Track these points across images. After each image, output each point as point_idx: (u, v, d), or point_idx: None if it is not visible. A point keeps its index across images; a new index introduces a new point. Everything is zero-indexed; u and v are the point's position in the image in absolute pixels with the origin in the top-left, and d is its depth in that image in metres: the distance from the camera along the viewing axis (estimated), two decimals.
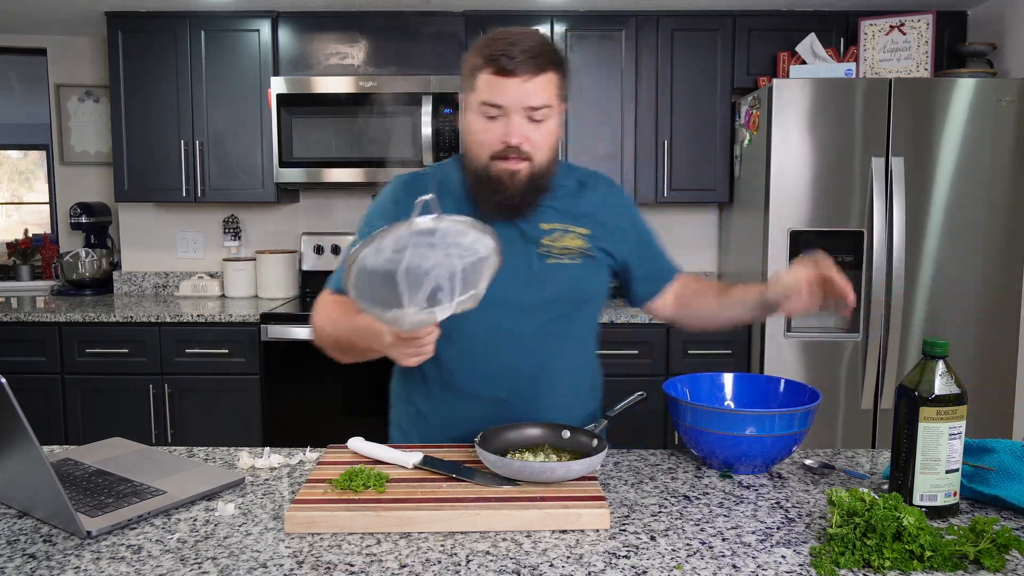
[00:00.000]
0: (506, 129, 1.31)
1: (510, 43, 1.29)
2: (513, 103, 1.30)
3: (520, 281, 1.39)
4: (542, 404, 1.44)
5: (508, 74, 1.29)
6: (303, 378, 3.17)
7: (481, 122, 1.33)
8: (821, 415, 3.01)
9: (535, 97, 1.30)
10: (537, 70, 1.30)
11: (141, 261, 3.88)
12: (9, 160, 9.07)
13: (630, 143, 3.44)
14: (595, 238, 1.45)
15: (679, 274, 1.58)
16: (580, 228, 1.44)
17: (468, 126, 1.36)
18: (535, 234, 1.41)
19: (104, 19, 3.44)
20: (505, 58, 1.28)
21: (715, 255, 3.84)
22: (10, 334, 3.19)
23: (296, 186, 3.52)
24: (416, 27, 3.38)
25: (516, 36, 1.31)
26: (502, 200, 1.35)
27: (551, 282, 1.41)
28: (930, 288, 2.95)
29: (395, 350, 1.19)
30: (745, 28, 3.38)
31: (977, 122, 2.88)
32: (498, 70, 1.29)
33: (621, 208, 1.52)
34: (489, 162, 1.34)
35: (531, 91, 1.30)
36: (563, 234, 1.42)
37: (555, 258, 1.41)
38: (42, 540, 1.07)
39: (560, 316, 1.43)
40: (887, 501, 1.00)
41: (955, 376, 1.13)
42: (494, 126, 1.32)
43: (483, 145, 1.34)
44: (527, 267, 1.40)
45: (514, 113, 1.30)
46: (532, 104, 1.30)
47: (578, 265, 1.43)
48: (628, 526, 1.11)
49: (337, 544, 1.05)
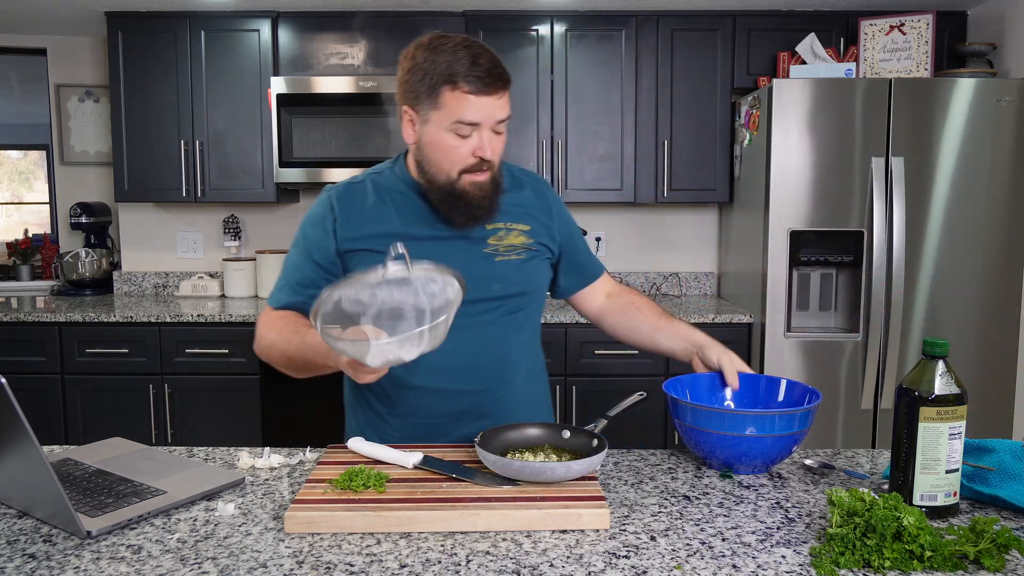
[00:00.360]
0: (479, 144, 1.34)
1: (473, 61, 1.31)
2: (487, 119, 1.33)
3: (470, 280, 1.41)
4: (501, 393, 1.48)
5: (484, 94, 1.31)
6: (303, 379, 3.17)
7: (453, 139, 1.34)
8: (821, 415, 3.01)
9: (503, 111, 1.36)
10: (505, 85, 1.35)
11: (141, 261, 3.88)
12: (9, 160, 9.07)
13: (630, 143, 3.44)
14: (535, 233, 1.49)
15: (605, 273, 1.65)
16: (521, 225, 1.48)
17: (434, 143, 1.36)
18: (480, 234, 1.44)
19: (104, 19, 3.44)
20: (476, 78, 1.30)
21: (715, 255, 3.84)
22: (10, 334, 3.19)
23: (296, 186, 3.52)
24: (416, 27, 3.38)
25: (474, 51, 1.32)
26: (472, 212, 1.39)
27: (500, 279, 1.44)
28: (930, 288, 2.95)
29: (351, 370, 1.22)
30: (745, 28, 3.38)
31: (977, 122, 2.88)
32: (475, 90, 1.30)
33: (551, 204, 1.55)
34: (458, 177, 1.37)
35: (502, 105, 1.35)
36: (507, 232, 1.47)
37: (502, 256, 1.45)
38: (42, 540, 1.07)
39: (512, 310, 1.47)
40: (887, 501, 1.00)
41: (955, 376, 1.13)
42: (466, 143, 1.35)
43: (454, 161, 1.36)
44: (475, 266, 1.42)
45: (485, 128, 1.34)
46: (501, 118, 1.35)
47: (524, 260, 1.47)
48: (628, 526, 1.11)
49: (337, 544, 1.05)
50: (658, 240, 3.83)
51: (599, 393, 3.18)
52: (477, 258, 1.44)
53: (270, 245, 3.84)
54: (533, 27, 3.38)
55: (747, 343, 3.18)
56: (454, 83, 1.30)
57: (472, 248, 1.44)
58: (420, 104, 1.35)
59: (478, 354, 1.44)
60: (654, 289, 3.82)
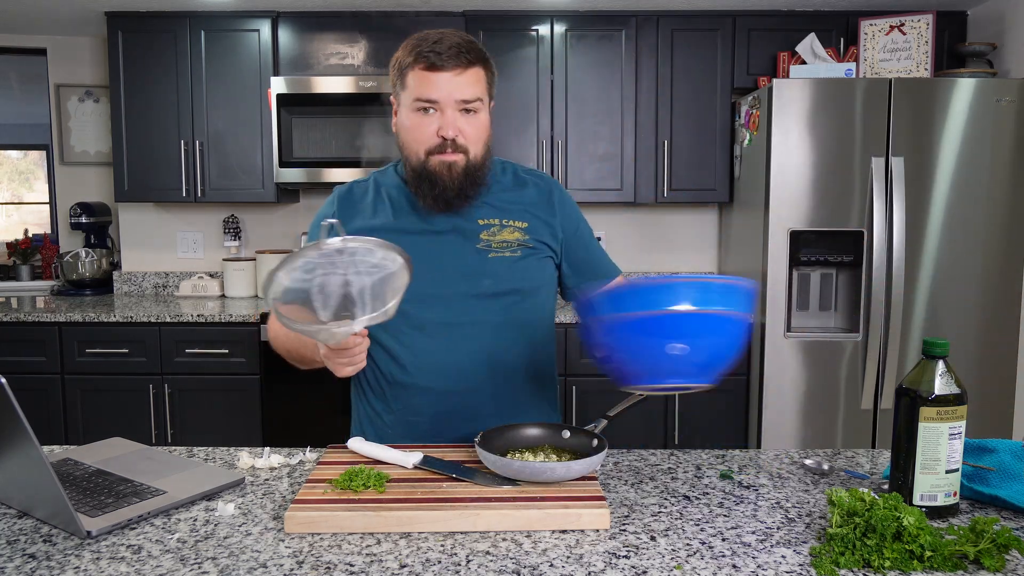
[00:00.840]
0: (440, 123, 1.35)
1: (435, 41, 1.34)
2: (445, 96, 1.34)
3: (461, 275, 1.43)
4: (493, 395, 1.46)
5: (438, 69, 1.33)
6: (303, 378, 3.15)
7: (415, 118, 1.37)
8: (821, 415, 3.01)
9: (466, 90, 1.35)
10: (467, 64, 1.35)
11: (141, 261, 3.88)
12: (9, 160, 9.07)
13: (630, 143, 3.44)
14: (533, 230, 1.47)
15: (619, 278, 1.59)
16: (517, 222, 1.47)
17: (402, 124, 1.41)
18: (473, 229, 1.44)
19: (104, 19, 3.44)
20: (434, 54, 1.33)
21: (715, 255, 3.84)
22: (10, 334, 3.19)
23: (296, 186, 3.52)
24: (416, 27, 3.37)
25: (440, 34, 1.36)
26: (440, 193, 1.39)
27: (492, 275, 1.44)
28: (930, 288, 2.95)
29: (329, 362, 1.25)
30: (745, 28, 3.38)
31: (977, 122, 2.88)
32: (428, 65, 1.34)
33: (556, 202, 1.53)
34: (426, 157, 1.38)
35: (462, 84, 1.35)
36: (500, 228, 1.46)
37: (495, 252, 1.44)
38: (42, 540, 1.07)
39: (506, 307, 1.45)
40: (887, 501, 1.00)
41: (955, 376, 1.13)
42: (428, 121, 1.36)
43: (419, 141, 1.38)
44: (467, 262, 1.43)
45: (447, 107, 1.35)
46: (464, 97, 1.35)
47: (519, 258, 1.46)
48: (628, 526, 1.11)
49: (337, 544, 1.05)
50: (658, 240, 3.83)
51: (599, 393, 3.17)
52: (469, 253, 1.44)
53: (270, 245, 3.84)
54: (533, 27, 3.38)
55: (747, 343, 3.17)
56: (415, 60, 1.35)
57: (465, 243, 1.44)
58: (396, 92, 1.41)
59: (468, 353, 1.44)
60: None
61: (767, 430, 3.03)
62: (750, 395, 3.17)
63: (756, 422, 3.08)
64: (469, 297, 1.43)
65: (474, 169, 1.40)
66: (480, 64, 1.37)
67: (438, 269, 1.42)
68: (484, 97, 1.39)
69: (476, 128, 1.38)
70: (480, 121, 1.39)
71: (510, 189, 1.50)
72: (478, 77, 1.37)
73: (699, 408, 3.22)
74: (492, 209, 1.46)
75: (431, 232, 1.44)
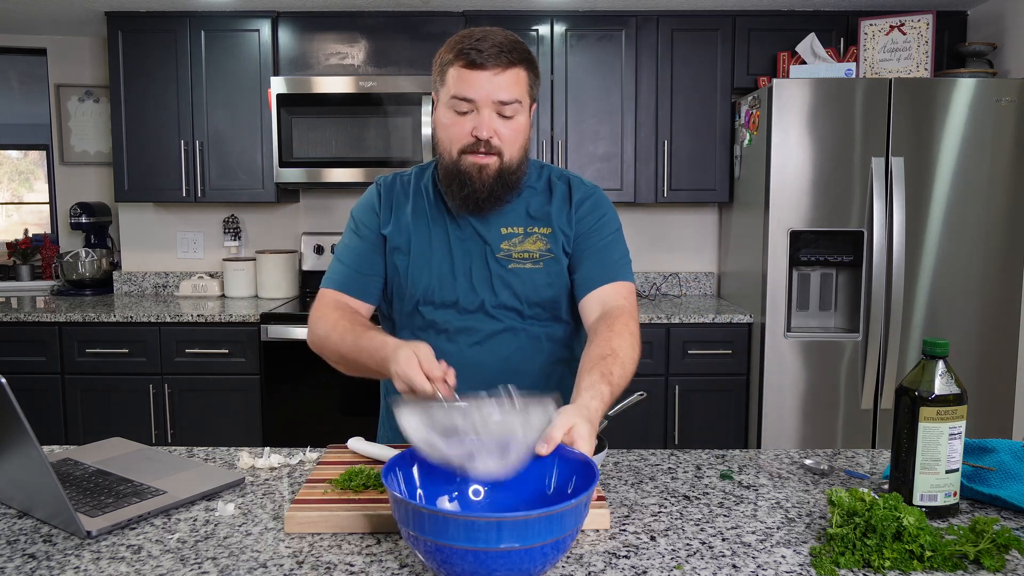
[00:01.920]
0: (476, 123, 1.32)
1: (479, 38, 1.31)
2: (483, 96, 1.31)
3: (481, 285, 1.42)
4: None
5: (478, 67, 1.30)
6: (303, 378, 3.18)
7: (451, 116, 1.34)
8: (821, 415, 3.01)
9: (505, 91, 1.31)
10: (507, 64, 1.31)
11: (141, 261, 3.88)
12: (9, 160, 9.07)
13: (630, 143, 3.44)
14: (554, 238, 1.44)
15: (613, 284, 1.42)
16: (542, 229, 1.44)
17: (438, 120, 1.38)
18: (495, 238, 1.42)
19: (104, 19, 3.44)
20: (475, 51, 1.30)
21: (715, 255, 3.84)
22: (10, 334, 3.19)
23: (296, 186, 3.52)
24: (416, 27, 3.38)
25: (484, 32, 1.33)
26: (469, 194, 1.36)
27: (511, 286, 1.42)
28: (930, 288, 2.95)
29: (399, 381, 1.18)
30: (745, 28, 3.38)
31: (977, 122, 2.88)
32: (468, 63, 1.30)
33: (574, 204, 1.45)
34: (459, 156, 1.35)
35: (501, 85, 1.31)
36: (524, 238, 1.43)
37: (515, 262, 1.42)
38: (42, 540, 1.07)
39: (525, 317, 1.44)
40: (887, 501, 1.00)
41: (955, 376, 1.13)
42: (464, 120, 1.33)
43: (453, 139, 1.35)
44: (487, 271, 1.42)
45: (484, 107, 1.32)
46: (502, 98, 1.31)
47: (540, 270, 1.43)
48: (628, 526, 1.11)
49: (337, 544, 1.05)
50: (658, 240, 3.83)
51: None
52: (490, 262, 1.42)
53: (270, 245, 3.84)
54: (533, 27, 3.38)
55: (747, 343, 3.18)
56: (456, 58, 1.32)
57: (486, 251, 1.42)
58: (436, 88, 1.38)
59: (486, 360, 1.43)
60: (654, 289, 3.82)
61: (767, 430, 3.03)
62: (750, 395, 3.17)
63: (756, 422, 3.08)
64: (488, 306, 1.42)
65: (508, 173, 1.36)
66: (522, 65, 1.33)
67: (461, 275, 1.42)
68: (524, 99, 1.34)
69: (512, 130, 1.34)
70: (517, 124, 1.35)
71: (540, 194, 1.47)
72: (519, 78, 1.33)
73: (699, 408, 3.22)
74: (519, 216, 1.44)
75: (455, 237, 1.43)
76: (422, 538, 0.87)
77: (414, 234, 1.44)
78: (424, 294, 1.43)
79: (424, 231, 1.44)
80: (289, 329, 3.15)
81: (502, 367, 1.43)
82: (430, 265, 1.43)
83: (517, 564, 0.86)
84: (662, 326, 3.17)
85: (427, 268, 1.43)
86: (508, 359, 1.44)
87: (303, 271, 3.72)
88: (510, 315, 1.43)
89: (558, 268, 1.44)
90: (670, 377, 3.20)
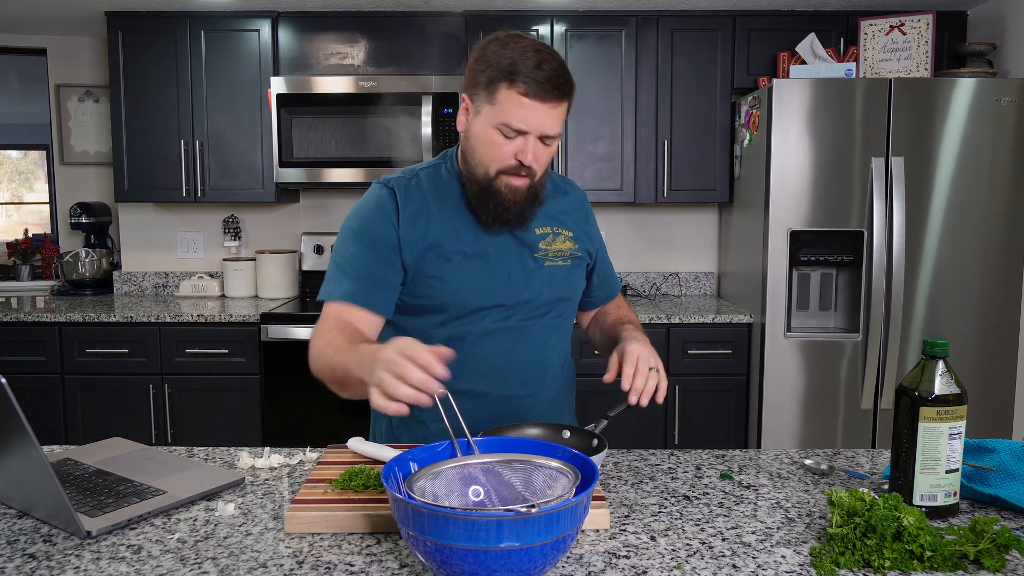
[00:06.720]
0: (522, 148, 1.31)
1: (535, 65, 1.27)
2: (536, 128, 1.30)
3: (519, 283, 1.43)
4: (538, 398, 1.49)
5: (539, 99, 1.28)
6: (303, 378, 3.15)
7: (495, 136, 1.31)
8: (821, 415, 3.01)
9: (556, 126, 1.32)
10: (563, 97, 1.30)
11: (141, 261, 3.88)
12: (9, 160, 9.07)
13: (630, 143, 3.44)
14: (578, 239, 1.51)
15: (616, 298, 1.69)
16: (566, 231, 1.49)
17: (476, 133, 1.34)
18: (531, 239, 1.44)
19: (104, 19, 3.44)
20: (535, 82, 1.27)
21: (715, 255, 3.84)
22: (10, 334, 3.19)
23: (296, 186, 3.52)
24: (416, 27, 3.38)
25: (539, 55, 1.28)
26: (500, 213, 1.37)
27: (548, 284, 1.45)
28: (930, 288, 2.95)
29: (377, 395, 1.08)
30: (745, 28, 3.38)
31: (977, 122, 2.88)
32: (526, 92, 1.27)
33: (588, 213, 1.58)
34: (496, 175, 1.34)
35: (554, 118, 1.31)
36: (555, 237, 1.48)
37: (551, 260, 1.46)
38: (42, 540, 1.07)
39: (556, 315, 1.49)
40: (887, 501, 1.00)
41: (955, 376, 1.13)
42: (509, 143, 1.31)
43: (494, 159, 1.33)
44: (525, 270, 1.43)
45: (532, 135, 1.31)
46: (551, 133, 1.32)
47: (569, 267, 1.49)
48: (628, 526, 1.11)
49: (337, 544, 1.05)
50: (658, 240, 3.83)
51: (599, 393, 3.17)
52: (527, 260, 1.44)
53: (270, 245, 3.84)
54: (533, 27, 3.38)
55: (747, 343, 3.18)
56: (512, 80, 1.27)
57: (523, 251, 1.44)
58: (477, 94, 1.33)
59: (524, 359, 1.45)
60: (654, 289, 3.82)
61: (767, 430, 3.03)
62: (750, 395, 3.17)
63: (756, 422, 3.08)
64: (528, 305, 1.43)
65: (536, 190, 1.38)
66: (571, 95, 1.33)
67: (500, 276, 1.41)
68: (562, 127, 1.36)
69: (548, 154, 1.36)
70: (553, 147, 1.36)
71: (554, 196, 1.51)
72: (566, 108, 1.33)
73: (699, 408, 3.22)
74: (545, 218, 1.47)
75: (491, 240, 1.42)
76: (422, 538, 0.87)
77: (451, 238, 1.40)
78: (468, 297, 1.40)
79: (461, 234, 1.40)
80: (289, 329, 3.15)
81: (539, 362, 1.47)
82: (472, 267, 1.40)
83: (517, 564, 0.87)
84: (662, 326, 3.17)
85: (469, 270, 1.40)
86: (543, 354, 1.48)
87: (303, 271, 3.72)
88: (545, 312, 1.46)
89: (581, 269, 1.52)
90: (670, 377, 3.18)
